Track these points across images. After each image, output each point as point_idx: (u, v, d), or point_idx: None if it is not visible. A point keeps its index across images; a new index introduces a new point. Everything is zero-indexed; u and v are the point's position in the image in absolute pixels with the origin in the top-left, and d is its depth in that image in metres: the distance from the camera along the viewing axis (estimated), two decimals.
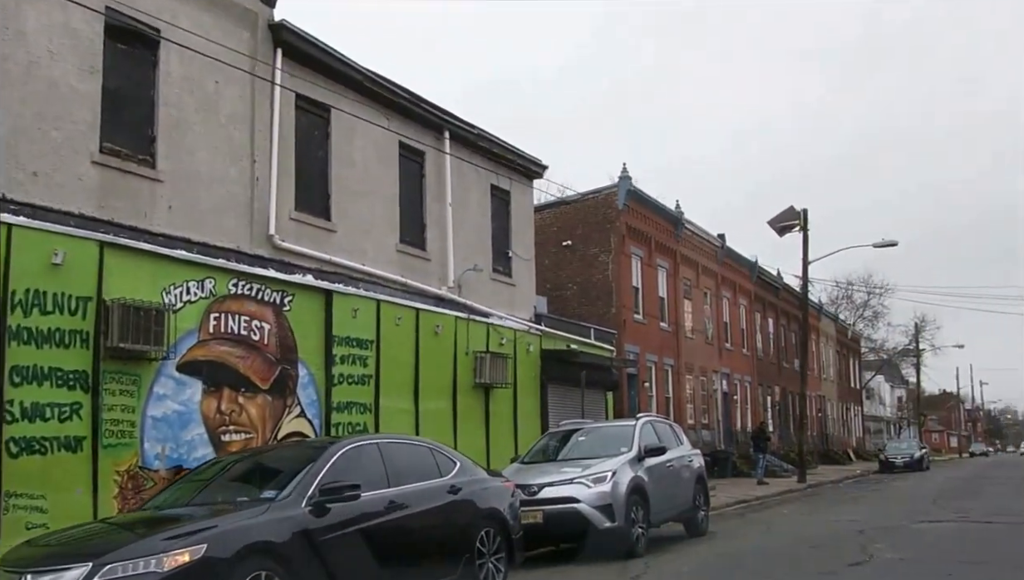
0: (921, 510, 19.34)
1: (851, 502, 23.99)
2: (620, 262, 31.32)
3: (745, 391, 43.98)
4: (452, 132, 21.73)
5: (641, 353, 32.16)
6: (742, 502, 25.06)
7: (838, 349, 66.23)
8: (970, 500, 22.55)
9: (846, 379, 68.80)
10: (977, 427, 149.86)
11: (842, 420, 65.76)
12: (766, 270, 47.14)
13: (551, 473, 13.11)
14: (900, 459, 46.76)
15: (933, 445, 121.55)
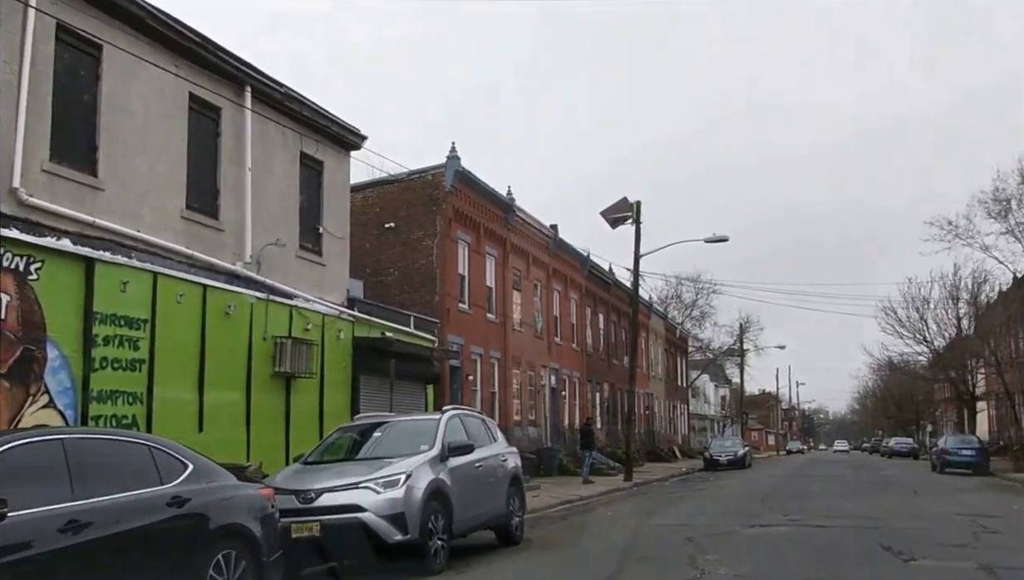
0: (751, 512, 18.29)
1: (678, 502, 22.90)
2: (446, 247, 29.44)
3: (574, 387, 42.96)
4: (255, 88, 19.28)
5: (466, 345, 30.40)
6: (566, 503, 23.64)
7: (667, 347, 66.62)
8: (798, 500, 21.83)
9: (673, 377, 69.36)
10: (793, 426, 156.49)
11: (669, 418, 66.20)
12: (598, 265, 46.33)
13: (334, 476, 11.02)
14: (724, 457, 46.88)
15: (753, 443, 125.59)
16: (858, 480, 32.42)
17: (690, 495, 26.00)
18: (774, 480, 32.64)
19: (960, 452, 38.69)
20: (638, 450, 51.32)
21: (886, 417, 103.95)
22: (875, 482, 31.22)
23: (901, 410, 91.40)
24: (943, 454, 39.30)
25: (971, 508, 19.45)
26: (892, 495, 23.93)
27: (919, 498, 22.80)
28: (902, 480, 32.81)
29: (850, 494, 24.44)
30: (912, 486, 28.45)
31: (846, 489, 26.96)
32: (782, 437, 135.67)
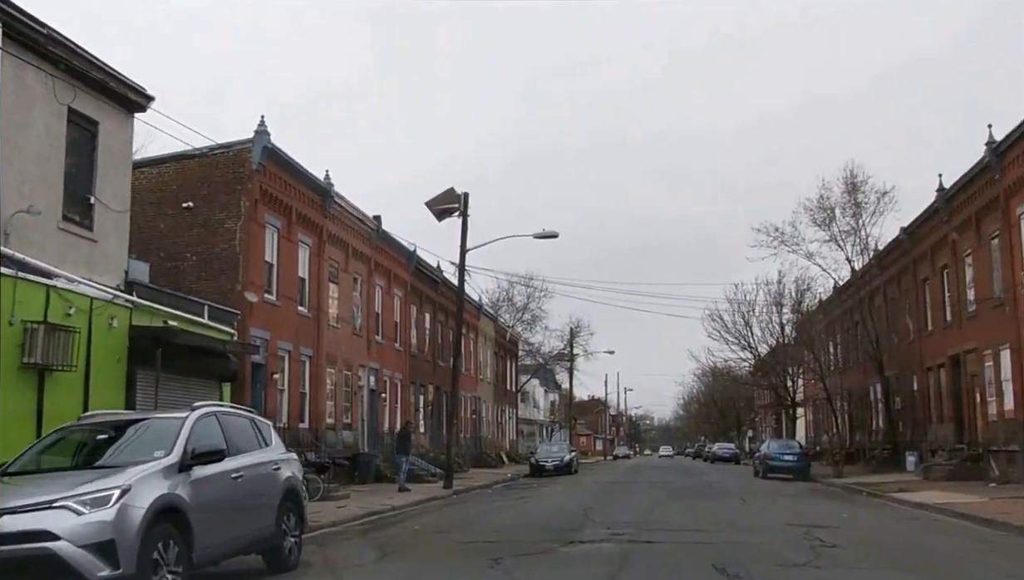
0: (572, 524, 16.51)
1: (495, 513, 20.97)
2: (251, 231, 26.61)
3: (396, 389, 40.62)
4: (7, 25, 16.14)
5: (272, 340, 27.62)
6: (374, 515, 21.34)
7: (496, 350, 65.15)
8: (623, 510, 20.31)
9: (503, 381, 67.98)
10: (621, 431, 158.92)
11: (497, 422, 64.72)
12: (426, 261, 44.17)
13: (27, 492, 8.37)
14: (550, 462, 45.55)
15: (581, 448, 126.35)
16: (684, 486, 31.47)
17: (510, 504, 24.15)
18: (599, 487, 31.27)
19: (783, 457, 38.58)
20: (463, 455, 49.51)
21: (709, 423, 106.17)
22: (701, 488, 30.30)
23: (724, 416, 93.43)
24: (766, 459, 39.13)
25: (802, 517, 18.35)
26: (720, 503, 22.77)
27: (747, 506, 21.68)
28: (728, 486, 32.08)
29: (677, 502, 23.15)
30: (738, 492, 27.58)
31: (672, 496, 25.75)
32: (610, 442, 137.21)
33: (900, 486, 29.03)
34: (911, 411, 41.38)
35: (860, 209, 41.29)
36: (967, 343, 33.44)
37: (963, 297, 33.87)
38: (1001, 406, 30.36)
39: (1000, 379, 30.40)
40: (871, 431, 48.19)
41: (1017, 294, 28.55)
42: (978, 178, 31.33)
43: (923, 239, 38.16)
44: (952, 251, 34.66)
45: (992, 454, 30.89)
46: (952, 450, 33.99)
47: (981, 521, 17.86)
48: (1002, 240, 29.66)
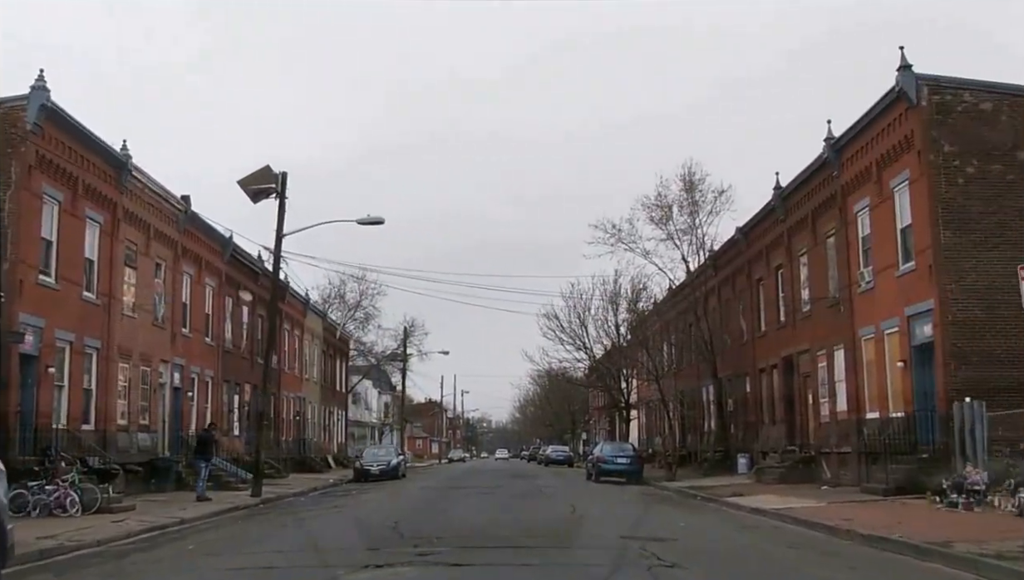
0: (375, 542, 14.15)
1: (296, 526, 18.37)
2: (24, 202, 23.03)
3: (206, 387, 37.16)
4: None
5: (48, 328, 24.05)
6: (156, 530, 18.41)
7: (325, 349, 61.95)
8: (440, 521, 18.07)
9: (332, 381, 64.79)
10: (457, 434, 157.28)
11: (324, 425, 61.48)
12: (244, 250, 40.78)
13: None
14: (376, 466, 42.96)
15: (417, 451, 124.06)
16: (514, 492, 29.56)
17: (318, 515, 21.53)
18: (424, 493, 28.97)
19: (616, 460, 37.33)
20: (284, 460, 46.32)
21: (544, 425, 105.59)
22: (531, 493, 28.46)
23: (559, 418, 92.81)
24: (599, 462, 37.80)
25: (637, 528, 16.60)
26: (549, 511, 20.87)
27: (578, 515, 19.81)
28: (559, 491, 30.38)
29: (503, 511, 21.11)
30: (569, 498, 25.84)
31: (500, 504, 23.74)
32: (446, 445, 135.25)
33: (734, 489, 27.99)
34: (743, 413, 40.97)
35: (697, 208, 40.66)
36: (800, 344, 32.95)
37: (798, 297, 33.39)
38: (834, 407, 29.85)
39: (833, 380, 29.89)
40: (703, 433, 47.83)
41: (853, 293, 28.01)
42: (816, 176, 30.79)
43: (758, 239, 37.70)
44: (787, 251, 34.17)
45: (824, 456, 30.35)
46: (784, 452, 33.44)
47: (825, 529, 16.55)
48: (838, 238, 29.13)
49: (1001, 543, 13.35)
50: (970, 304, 22.73)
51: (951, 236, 22.92)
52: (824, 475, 29.81)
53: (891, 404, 25.49)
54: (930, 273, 23.08)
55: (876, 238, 26.43)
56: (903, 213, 24.83)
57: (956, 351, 22.50)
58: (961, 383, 22.26)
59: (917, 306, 23.79)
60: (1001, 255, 22.87)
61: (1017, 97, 23.53)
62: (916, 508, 19.61)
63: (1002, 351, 22.58)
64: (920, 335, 23.87)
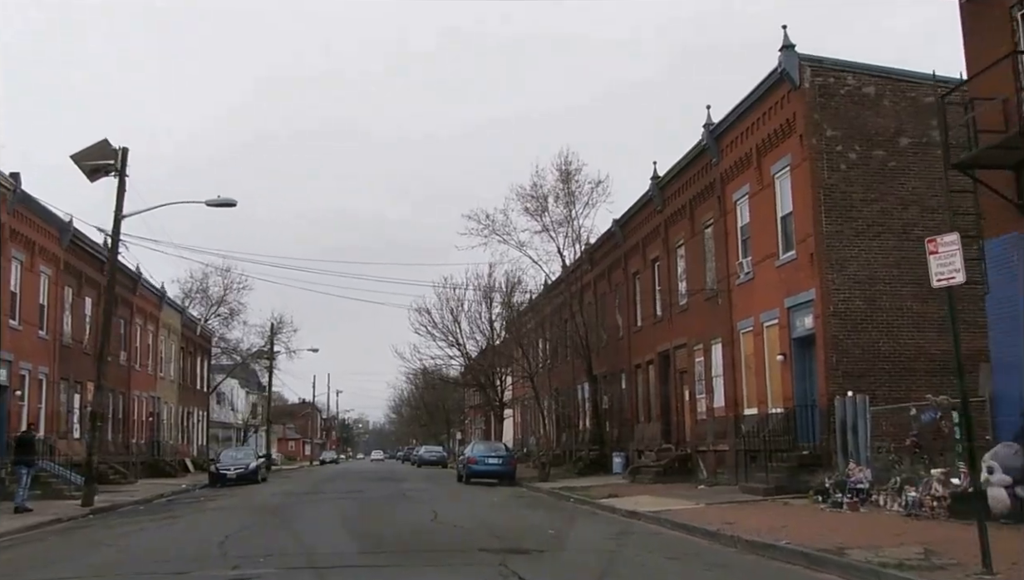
0: (190, 561, 11.98)
1: (108, 544, 15.87)
2: None
3: (39, 386, 33.75)
4: None
5: None
6: None
7: (184, 346, 58.38)
8: (278, 534, 15.92)
9: (192, 380, 61.16)
10: (332, 435, 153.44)
11: (182, 426, 57.91)
12: (87, 236, 37.36)
13: None
14: (233, 470, 40.12)
15: (289, 453, 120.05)
16: (376, 496, 27.49)
17: (144, 528, 19.04)
18: (276, 500, 26.58)
19: (487, 460, 35.61)
20: (135, 464, 43.02)
21: (420, 425, 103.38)
22: (394, 498, 26.44)
23: (433, 418, 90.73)
24: (469, 463, 36.01)
25: (501, 535, 14.89)
26: (407, 519, 18.91)
27: (440, 522, 17.95)
28: (426, 494, 28.46)
29: (355, 520, 19.06)
30: (435, 502, 23.96)
31: (354, 511, 21.68)
32: (320, 447, 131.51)
33: (609, 490, 26.63)
34: (619, 411, 39.88)
35: (573, 199, 39.36)
36: (677, 338, 31.88)
37: (675, 291, 32.33)
38: (711, 403, 28.81)
39: (711, 375, 28.86)
40: (579, 432, 46.64)
41: (731, 285, 26.99)
42: (694, 164, 29.73)
43: (635, 231, 36.58)
44: (664, 242, 33.09)
45: (701, 454, 29.31)
46: (660, 451, 32.33)
47: (706, 535, 15.13)
48: (717, 228, 28.11)
49: (898, 548, 12.12)
50: (852, 295, 21.84)
51: (833, 224, 21.99)
52: (701, 474, 28.76)
53: (770, 400, 24.51)
54: (811, 262, 22.11)
55: (756, 227, 25.44)
56: (784, 200, 23.86)
57: (837, 344, 21.57)
58: (842, 377, 21.35)
59: (797, 297, 22.81)
60: (883, 244, 22.13)
61: (900, 82, 22.79)
62: (799, 509, 18.47)
63: (884, 344, 21.78)
64: (800, 327, 22.90)
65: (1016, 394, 14.50)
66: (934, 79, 18.94)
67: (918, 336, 21.87)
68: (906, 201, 22.33)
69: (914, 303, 21.90)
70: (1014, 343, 14.32)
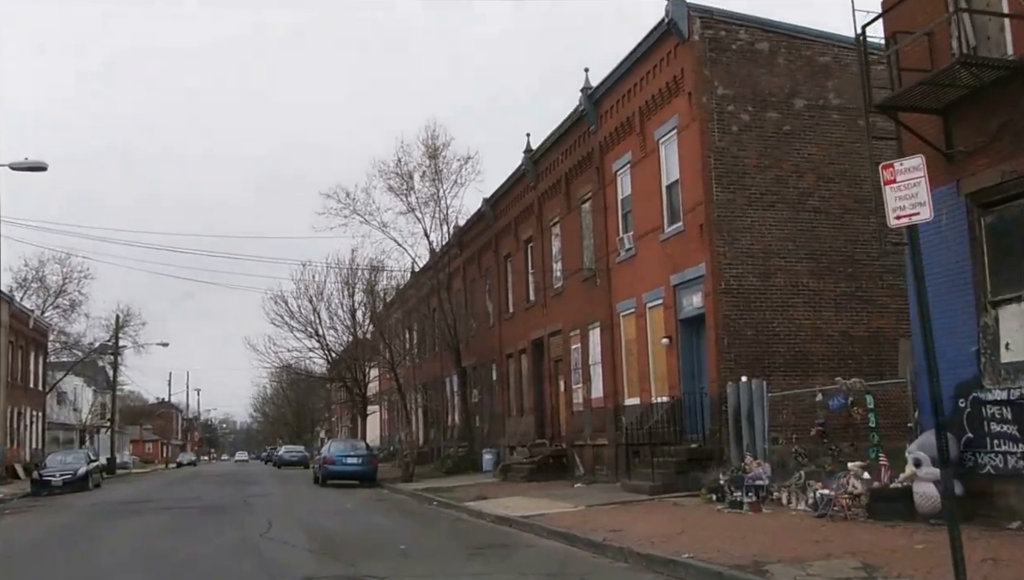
0: None
1: None
2: None
3: None
4: None
5: None
6: None
7: (13, 340, 52.69)
8: (45, 568, 12.57)
9: (23, 378, 55.44)
10: (193, 436, 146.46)
11: (11, 428, 52.24)
12: None
13: None
14: (59, 476, 35.74)
15: (146, 455, 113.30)
16: (212, 504, 24.06)
17: None
18: (87, 514, 22.81)
19: (345, 461, 32.40)
20: None
21: (283, 424, 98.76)
22: (233, 507, 23.06)
23: (299, 416, 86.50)
24: (325, 463, 32.73)
25: (339, 554, 12.06)
26: (232, 534, 15.72)
27: (268, 538, 14.83)
28: (272, 500, 25.22)
29: (166, 539, 15.78)
30: (276, 511, 20.85)
31: (171, 526, 18.36)
32: (180, 448, 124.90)
33: (478, 491, 23.97)
34: (490, 404, 37.29)
35: (440, 177, 36.48)
36: (552, 324, 29.42)
37: (549, 273, 29.86)
38: (589, 394, 26.44)
39: (588, 363, 26.48)
40: (447, 428, 43.88)
41: (611, 264, 24.65)
42: (571, 133, 27.29)
43: (507, 210, 33.99)
44: (538, 220, 30.59)
45: (578, 449, 26.94)
46: (533, 446, 29.83)
47: (590, 546, 12.56)
48: (595, 202, 25.74)
49: (828, 562, 9.79)
50: (744, 270, 19.68)
51: (724, 192, 19.78)
52: (578, 471, 26.40)
53: (654, 388, 22.23)
54: (700, 234, 19.87)
55: (638, 199, 23.13)
56: (670, 167, 21.60)
57: (729, 324, 19.37)
58: (735, 361, 19.18)
59: (685, 273, 20.56)
60: (777, 216, 20.08)
61: (795, 39, 20.76)
62: (693, 510, 16.13)
63: (779, 324, 19.72)
64: (688, 307, 20.68)
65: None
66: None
67: (814, 315, 19.91)
68: (801, 169, 20.32)
69: (810, 280, 19.94)
70: (943, 312, 12.20)
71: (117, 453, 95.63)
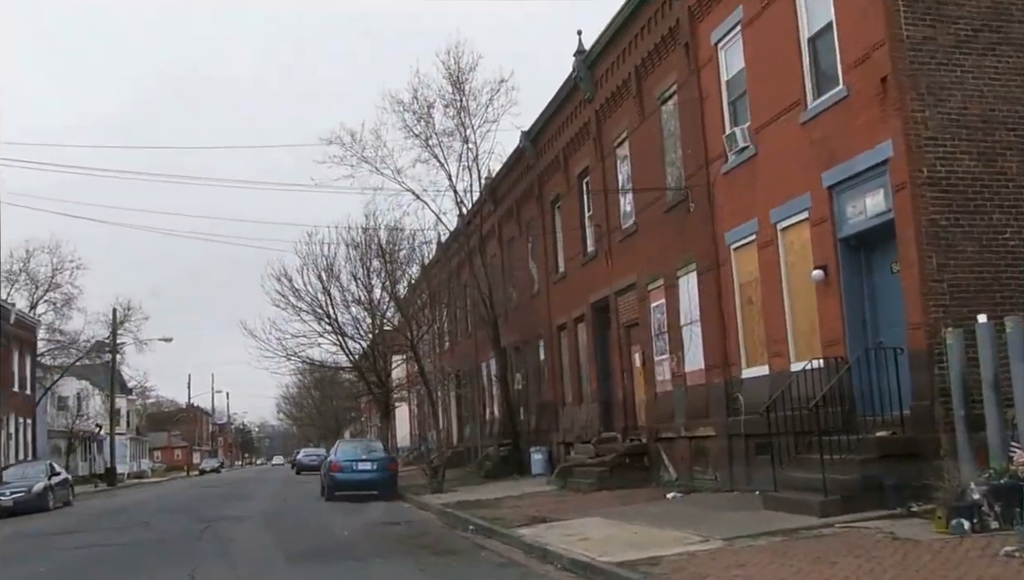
0: None
1: None
2: None
3: None
4: None
5: None
6: None
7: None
8: None
9: (4, 381, 48.71)
10: (221, 441, 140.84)
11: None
12: None
13: None
14: (8, 495, 28.96)
15: (176, 462, 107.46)
16: (149, 538, 16.98)
17: None
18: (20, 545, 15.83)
19: (356, 467, 25.18)
20: None
21: (305, 425, 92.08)
22: (175, 542, 15.95)
23: (322, 415, 79.47)
24: (332, 471, 25.42)
25: None
26: None
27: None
28: (243, 528, 18.18)
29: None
30: (230, 550, 13.68)
31: (138, 557, 11.25)
32: (210, 454, 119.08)
33: (532, 508, 16.84)
34: (537, 392, 30.00)
35: (467, 112, 29.19)
36: (621, 278, 22.02)
37: (614, 212, 22.46)
38: (680, 367, 19.00)
39: (678, 324, 19.03)
40: (486, 423, 36.67)
41: (712, 177, 17.20)
42: (640, 13, 19.85)
43: (554, 139, 26.55)
44: (597, 143, 23.16)
45: (664, 444, 19.56)
46: (600, 442, 22.45)
47: None
48: (684, 95, 18.22)
49: None
50: (956, 147, 12.22)
51: (917, 26, 12.32)
52: (666, 474, 19.10)
53: (794, 349, 14.79)
54: (881, 95, 12.39)
55: (757, 72, 15.63)
56: (812, 9, 14.14)
57: (938, 234, 11.93)
58: (950, 294, 11.80)
59: (852, 163, 13.08)
60: (1000, 64, 12.57)
61: None
62: (950, 555, 8.61)
63: (1014, 232, 12.24)
64: (858, 216, 13.21)
65: None
66: None
67: None
68: None
69: None
70: None
71: (134, 461, 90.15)
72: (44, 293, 57.67)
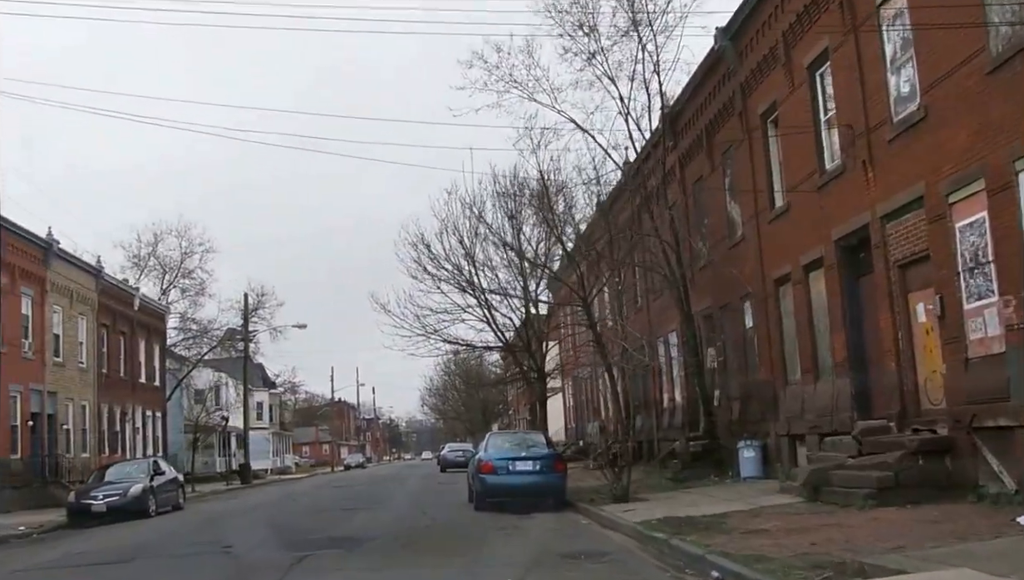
0: None
1: None
2: None
3: None
4: None
5: None
6: None
7: (111, 323, 42.40)
8: None
9: (129, 370, 45.04)
10: (369, 436, 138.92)
11: (110, 432, 41.79)
12: None
13: None
14: (104, 499, 24.27)
15: (324, 457, 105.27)
16: (279, 562, 11.33)
17: None
18: None
19: (512, 467, 18.88)
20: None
21: (450, 419, 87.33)
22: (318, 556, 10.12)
23: (467, 407, 74.27)
24: (482, 471, 19.19)
25: None
26: None
27: None
28: (395, 550, 12.34)
29: None
30: None
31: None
32: (359, 449, 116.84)
33: (800, 538, 10.29)
34: (740, 369, 23.22)
35: (641, 16, 22.76)
36: (896, 192, 15.05)
37: (877, 98, 15.48)
38: (1022, 314, 12.00)
39: (1021, 247, 12.04)
40: (662, 411, 30.11)
41: None
42: None
43: (766, 28, 19.75)
44: (843, 11, 16.23)
45: (987, 436, 12.59)
46: (866, 433, 15.50)
47: None
48: None
49: None
50: None
51: None
52: (997, 482, 12.17)
53: None
54: None
55: None
56: None
57: None
58: None
59: None
60: None
61: None
62: None
63: None
64: None
65: None
66: None
67: None
68: None
69: None
70: None
71: (276, 456, 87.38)
72: (174, 278, 54.23)
